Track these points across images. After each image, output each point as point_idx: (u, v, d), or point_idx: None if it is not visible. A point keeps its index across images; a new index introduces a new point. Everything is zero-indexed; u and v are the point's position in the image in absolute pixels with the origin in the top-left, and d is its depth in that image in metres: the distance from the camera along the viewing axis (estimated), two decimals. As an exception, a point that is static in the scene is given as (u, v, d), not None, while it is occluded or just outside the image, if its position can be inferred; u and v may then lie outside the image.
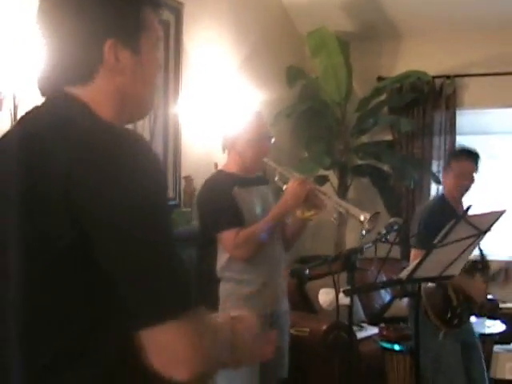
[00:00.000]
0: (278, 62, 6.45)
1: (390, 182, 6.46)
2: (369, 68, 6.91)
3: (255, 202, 3.46)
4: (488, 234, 3.53)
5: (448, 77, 6.74)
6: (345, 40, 6.50)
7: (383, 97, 6.77)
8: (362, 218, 3.31)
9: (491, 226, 3.43)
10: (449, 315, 4.08)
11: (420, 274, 3.32)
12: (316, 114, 6.60)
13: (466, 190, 4.22)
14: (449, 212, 4.01)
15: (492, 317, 5.65)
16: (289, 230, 3.63)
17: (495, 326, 5.38)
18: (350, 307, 3.33)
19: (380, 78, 6.85)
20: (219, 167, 3.76)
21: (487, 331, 5.22)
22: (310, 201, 3.39)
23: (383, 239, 3.38)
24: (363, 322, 5.68)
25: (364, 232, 3.32)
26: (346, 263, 3.25)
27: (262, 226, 3.32)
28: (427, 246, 3.37)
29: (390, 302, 4.88)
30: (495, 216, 3.45)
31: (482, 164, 4.20)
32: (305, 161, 6.40)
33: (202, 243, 3.55)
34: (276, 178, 3.58)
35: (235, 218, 3.33)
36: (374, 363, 5.02)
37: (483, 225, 3.35)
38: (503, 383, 2.29)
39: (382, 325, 5.20)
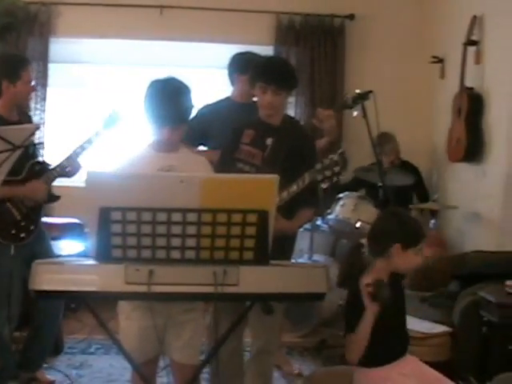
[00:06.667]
0: None
1: None
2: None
3: None
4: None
5: (44, 4, 6.92)
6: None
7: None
8: None
9: (25, 140, 3.64)
10: (14, 231, 4.16)
11: None
12: None
13: None
14: None
15: (69, 237, 6.07)
16: None
17: (71, 247, 5.81)
18: None
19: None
20: None
21: (62, 252, 5.51)
22: None
23: None
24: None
25: None
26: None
27: None
28: None
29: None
30: (28, 131, 3.73)
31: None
32: None
33: None
34: None
35: None
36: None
37: (16, 139, 3.53)
38: (42, 293, 2.57)
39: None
